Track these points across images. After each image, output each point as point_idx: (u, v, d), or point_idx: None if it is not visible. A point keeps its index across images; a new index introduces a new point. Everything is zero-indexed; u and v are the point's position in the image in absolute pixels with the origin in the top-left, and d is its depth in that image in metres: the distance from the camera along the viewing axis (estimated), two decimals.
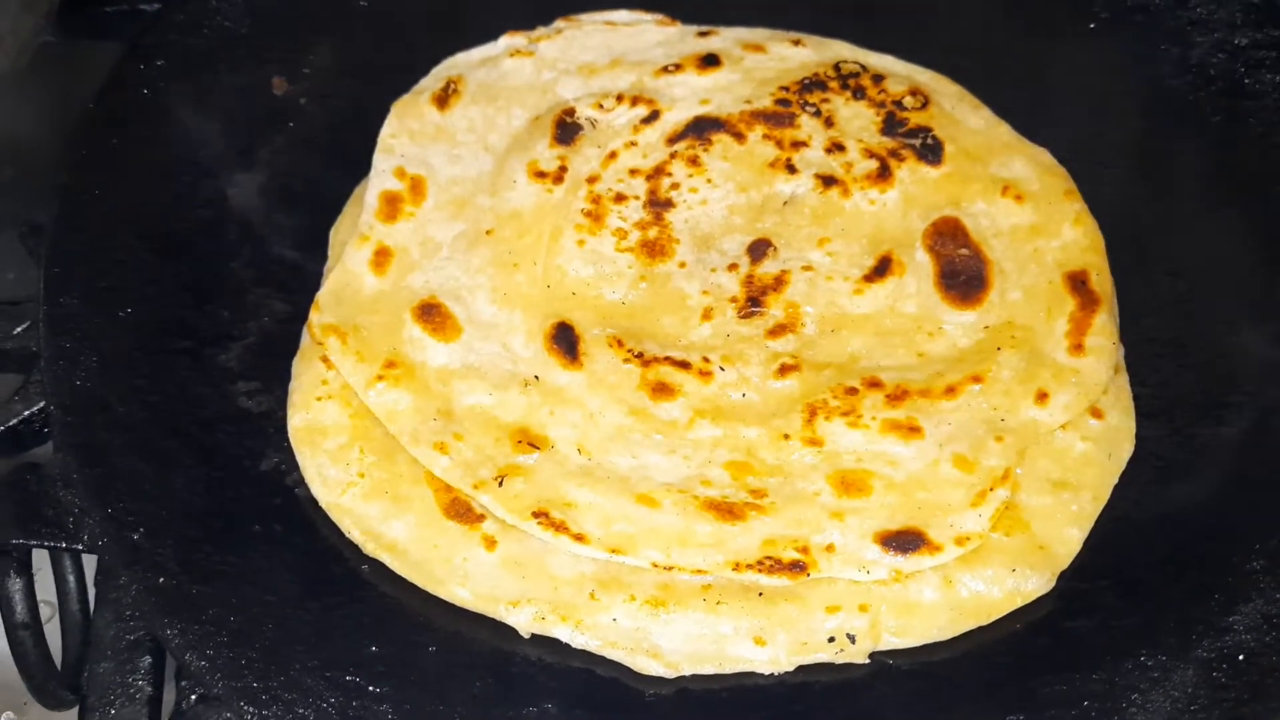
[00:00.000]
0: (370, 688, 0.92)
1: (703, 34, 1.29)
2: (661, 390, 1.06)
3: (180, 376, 1.08)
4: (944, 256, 1.13)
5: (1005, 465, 1.01)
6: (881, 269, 1.12)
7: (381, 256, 1.13)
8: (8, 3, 1.38)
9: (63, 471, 1.01)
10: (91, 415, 1.03)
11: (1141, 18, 1.27)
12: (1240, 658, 0.91)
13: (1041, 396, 1.04)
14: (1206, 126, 1.20)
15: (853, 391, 1.05)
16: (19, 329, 1.16)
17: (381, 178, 1.18)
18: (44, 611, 1.10)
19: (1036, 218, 1.15)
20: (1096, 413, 1.05)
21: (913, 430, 1.03)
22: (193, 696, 1.00)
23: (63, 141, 1.29)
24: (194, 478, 1.02)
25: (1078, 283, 1.11)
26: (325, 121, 1.26)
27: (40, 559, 1.10)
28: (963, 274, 1.12)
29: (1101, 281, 1.11)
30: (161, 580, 0.95)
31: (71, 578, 1.10)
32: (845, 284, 1.12)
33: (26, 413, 1.11)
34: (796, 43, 1.27)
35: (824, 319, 1.11)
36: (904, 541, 0.97)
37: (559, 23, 1.30)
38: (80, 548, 1.01)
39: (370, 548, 1.00)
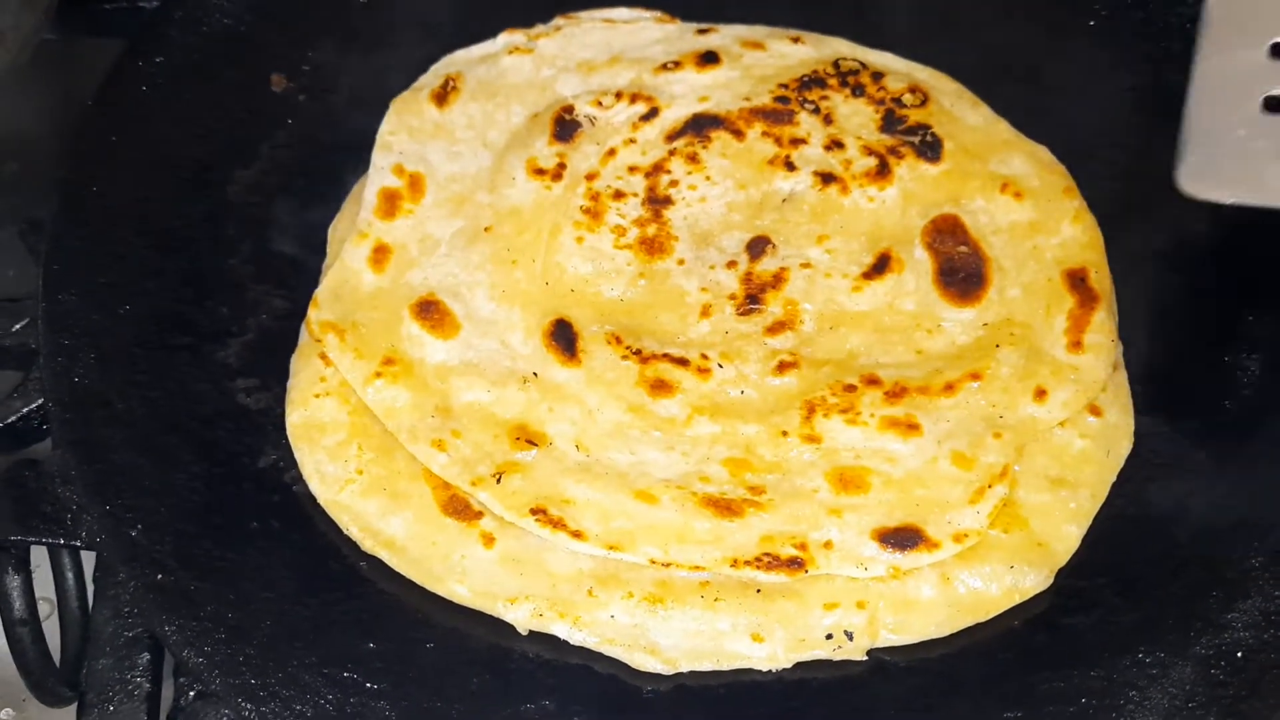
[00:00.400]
0: (368, 684, 0.92)
1: (702, 31, 1.29)
2: (660, 387, 1.06)
3: (179, 373, 1.08)
4: (943, 254, 1.13)
5: (1004, 462, 1.01)
6: (880, 266, 1.12)
7: (380, 253, 1.13)
8: None
9: (61, 468, 1.01)
10: (90, 412, 1.03)
11: (1141, 14, 1.27)
12: (1239, 655, 0.91)
13: (1040, 394, 1.04)
14: None
15: (851, 389, 1.05)
16: (18, 325, 1.16)
17: (380, 175, 1.18)
18: (43, 608, 1.10)
19: (1036, 215, 1.15)
20: (1095, 410, 1.05)
21: (911, 427, 1.03)
22: (191, 693, 1.00)
23: (63, 138, 1.29)
24: (193, 474, 1.02)
25: (1077, 280, 1.11)
26: (325, 118, 1.26)
27: (39, 555, 1.10)
28: (961, 271, 1.12)
29: (1100, 279, 1.11)
30: (160, 577, 0.95)
31: (70, 574, 1.10)
32: (844, 281, 1.12)
33: (25, 409, 1.11)
34: (796, 40, 1.27)
35: (822, 316, 1.11)
36: (902, 538, 0.97)
37: (558, 20, 1.29)
38: (79, 544, 1.01)
39: (368, 544, 1.00)
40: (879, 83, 1.23)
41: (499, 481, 1.00)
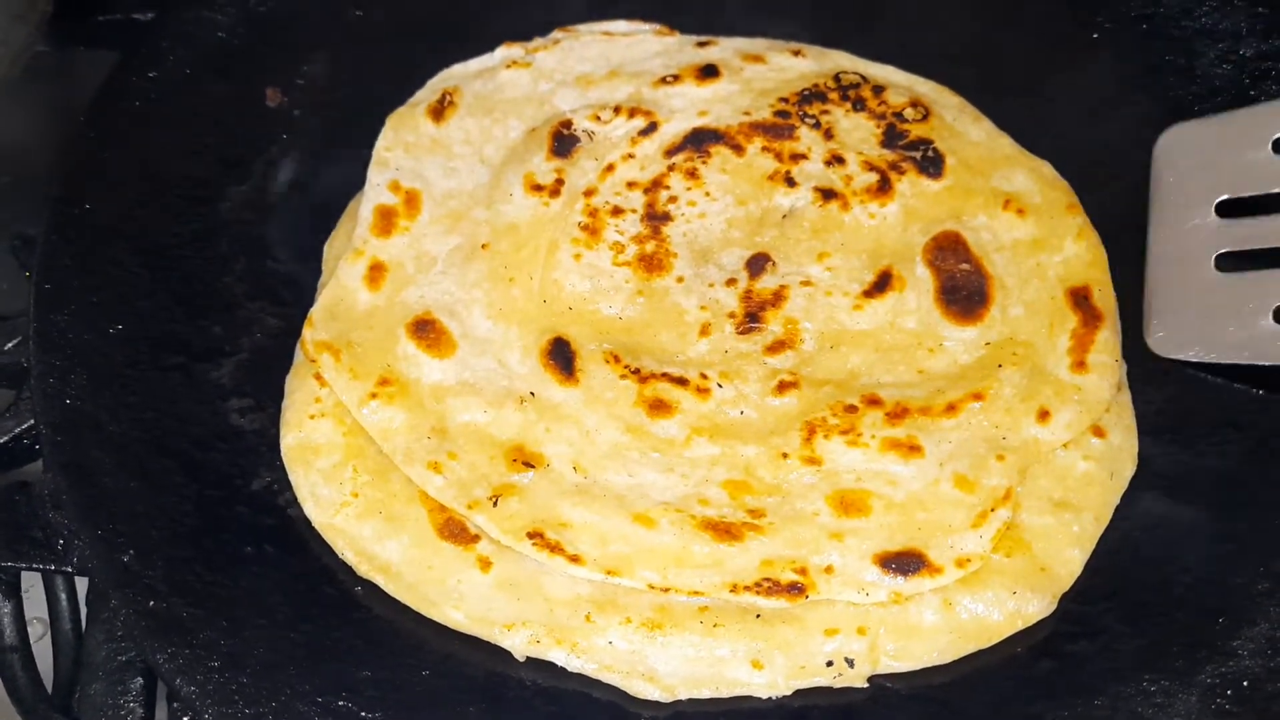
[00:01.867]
0: (363, 713, 0.91)
1: (701, 44, 1.28)
2: (659, 407, 1.05)
3: (172, 393, 1.07)
4: (944, 271, 1.11)
5: (1006, 485, 1.00)
6: (881, 284, 1.11)
7: (376, 271, 1.12)
8: (0, 11, 1.37)
9: (52, 491, 1.00)
10: (81, 434, 1.02)
11: (1146, 27, 1.26)
12: (1245, 684, 0.90)
13: (1043, 415, 1.03)
14: None
15: (852, 409, 1.04)
16: (10, 344, 1.15)
17: (376, 191, 1.16)
18: (36, 629, 1.09)
19: (1038, 232, 1.14)
20: (1098, 431, 1.03)
21: (913, 449, 1.01)
22: (185, 718, 0.99)
23: (56, 151, 1.28)
24: (185, 497, 1.01)
25: (1080, 298, 1.09)
26: (320, 133, 1.25)
27: (32, 576, 1.08)
28: (964, 289, 1.10)
29: (1104, 297, 1.10)
30: (152, 603, 0.94)
31: (64, 596, 1.08)
32: (845, 300, 1.11)
33: (17, 429, 1.10)
34: (796, 53, 1.26)
35: (823, 335, 1.09)
36: (904, 563, 0.96)
37: (556, 33, 1.28)
38: (70, 570, 0.99)
39: (363, 569, 0.99)
40: (880, 97, 1.22)
41: (495, 504, 0.99)
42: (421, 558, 0.99)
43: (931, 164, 1.17)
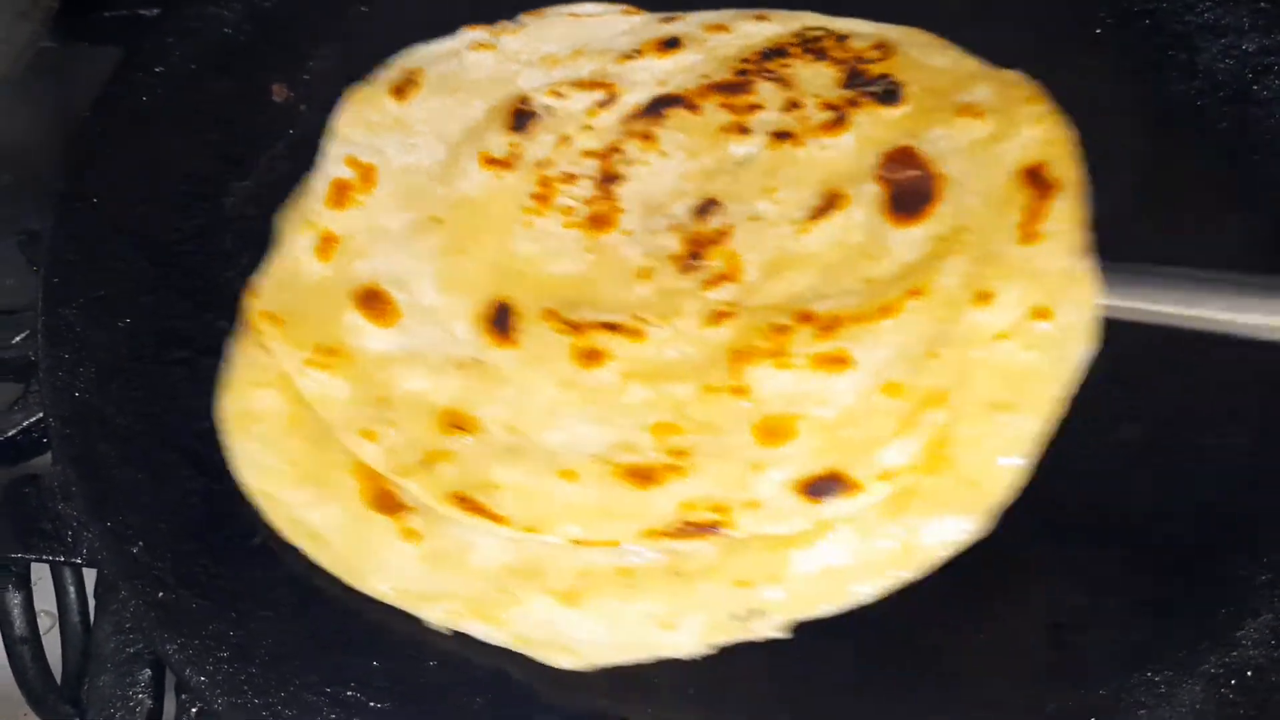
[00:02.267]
0: (371, 703, 0.91)
1: (667, 19, 1.24)
2: (592, 357, 1.01)
3: (178, 387, 1.07)
4: (892, 182, 1.05)
5: (938, 385, 0.92)
6: (826, 206, 1.06)
7: (327, 243, 1.10)
8: (5, 7, 1.37)
9: (61, 484, 1.00)
10: (89, 427, 1.02)
11: (1147, 22, 1.25)
12: (1248, 673, 0.90)
13: (984, 297, 0.95)
14: (1213, 133, 1.18)
15: (783, 330, 0.99)
16: (17, 338, 1.16)
17: (331, 165, 1.14)
18: (44, 621, 1.10)
19: (995, 127, 1.06)
20: (1044, 314, 0.95)
21: (841, 361, 0.96)
22: (194, 710, 1.00)
23: (61, 147, 1.28)
24: (192, 490, 1.01)
25: (1032, 175, 1.01)
26: (325, 128, 1.25)
27: (41, 568, 1.09)
28: (910, 193, 1.04)
29: (1062, 169, 1.00)
30: (161, 595, 0.94)
31: (72, 589, 1.09)
32: (790, 228, 1.06)
33: (26, 423, 1.11)
34: (761, 18, 1.21)
35: (766, 264, 1.04)
36: (823, 486, 0.91)
37: (522, 16, 1.25)
38: (79, 561, 1.00)
39: (291, 535, 0.97)
40: (844, 44, 1.16)
41: (427, 470, 0.96)
42: (351, 528, 0.97)
43: (890, 95, 1.11)
